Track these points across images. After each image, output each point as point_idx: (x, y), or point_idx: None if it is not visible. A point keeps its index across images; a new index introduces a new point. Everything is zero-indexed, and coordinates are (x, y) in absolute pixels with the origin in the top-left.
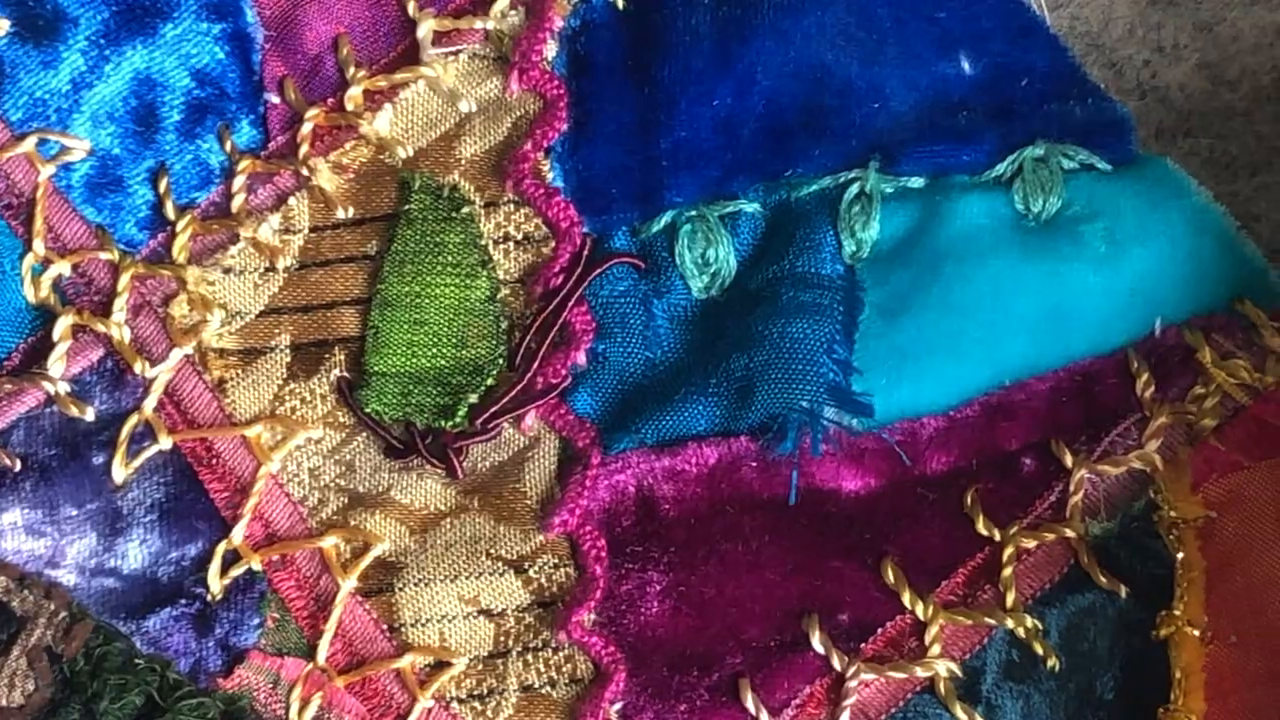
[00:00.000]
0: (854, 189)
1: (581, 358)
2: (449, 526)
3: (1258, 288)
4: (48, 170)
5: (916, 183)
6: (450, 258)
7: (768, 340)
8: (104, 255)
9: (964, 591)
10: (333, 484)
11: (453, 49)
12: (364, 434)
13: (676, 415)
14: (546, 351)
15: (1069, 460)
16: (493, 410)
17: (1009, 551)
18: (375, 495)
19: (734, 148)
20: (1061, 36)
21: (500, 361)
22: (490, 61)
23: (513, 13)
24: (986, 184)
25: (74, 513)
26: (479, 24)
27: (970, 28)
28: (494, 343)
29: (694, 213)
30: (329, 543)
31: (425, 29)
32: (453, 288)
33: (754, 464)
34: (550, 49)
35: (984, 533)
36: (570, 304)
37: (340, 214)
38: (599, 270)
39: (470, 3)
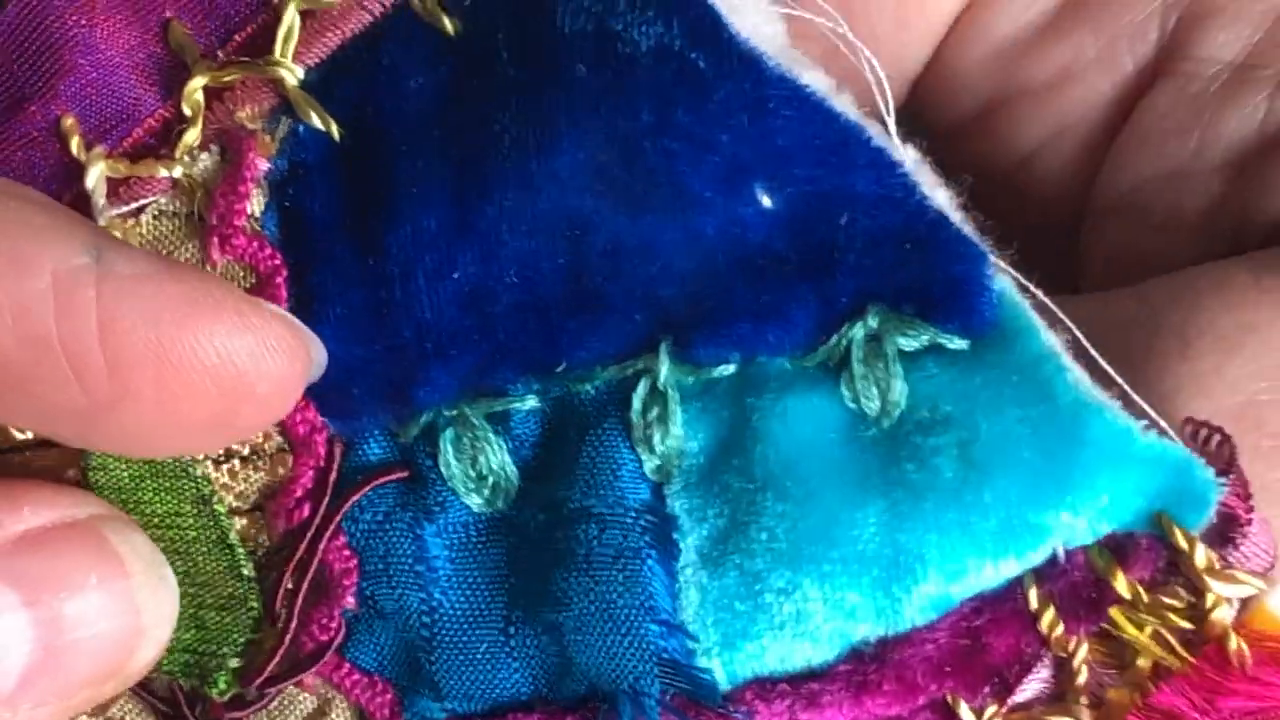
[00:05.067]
0: (644, 385)
1: (351, 601)
2: None
3: (1178, 492)
4: None
5: (723, 370)
6: (163, 482)
7: (574, 597)
8: None
9: None
10: None
11: (133, 205)
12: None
13: (484, 678)
14: (306, 601)
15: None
16: (264, 679)
17: None
18: None
19: (488, 330)
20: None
21: (254, 612)
22: (181, 220)
23: (204, 155)
24: (810, 371)
25: None
26: (163, 171)
27: (763, 149)
28: (241, 586)
29: (454, 413)
30: None
31: (95, 175)
32: (170, 523)
33: None
34: (256, 203)
35: None
36: (324, 540)
37: None
38: (354, 497)
39: (152, 137)
